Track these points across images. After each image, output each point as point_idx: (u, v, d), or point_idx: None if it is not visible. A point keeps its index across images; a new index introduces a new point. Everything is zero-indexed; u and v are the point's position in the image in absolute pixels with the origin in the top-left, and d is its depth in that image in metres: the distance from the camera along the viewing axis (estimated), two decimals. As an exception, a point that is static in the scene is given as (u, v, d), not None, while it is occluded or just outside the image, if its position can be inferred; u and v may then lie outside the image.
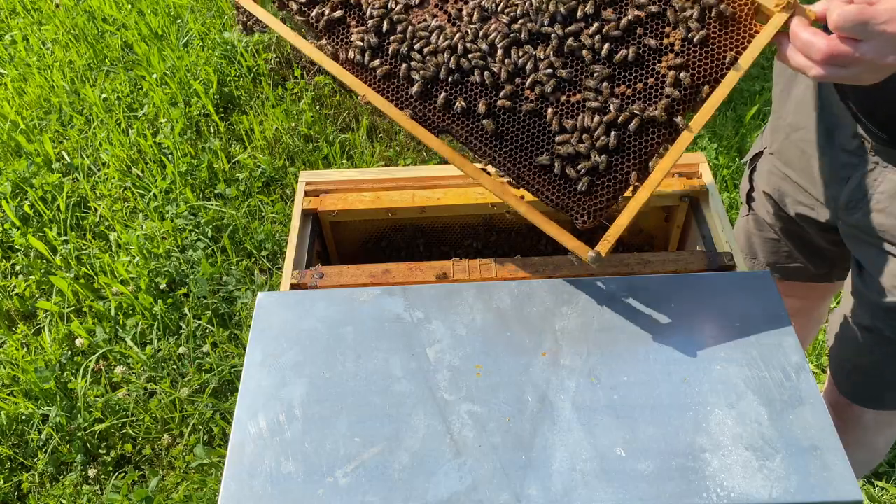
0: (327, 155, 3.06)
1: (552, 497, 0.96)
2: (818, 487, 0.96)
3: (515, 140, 1.10)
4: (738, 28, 1.07)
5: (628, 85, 1.08)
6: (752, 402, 1.05)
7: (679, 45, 1.08)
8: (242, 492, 0.98)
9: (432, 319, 1.17)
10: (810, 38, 0.95)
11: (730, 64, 1.06)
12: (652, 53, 1.08)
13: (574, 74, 1.10)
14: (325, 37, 1.21)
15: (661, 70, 1.07)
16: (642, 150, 1.06)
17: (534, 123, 1.10)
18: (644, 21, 1.10)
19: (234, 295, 2.56)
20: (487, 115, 1.11)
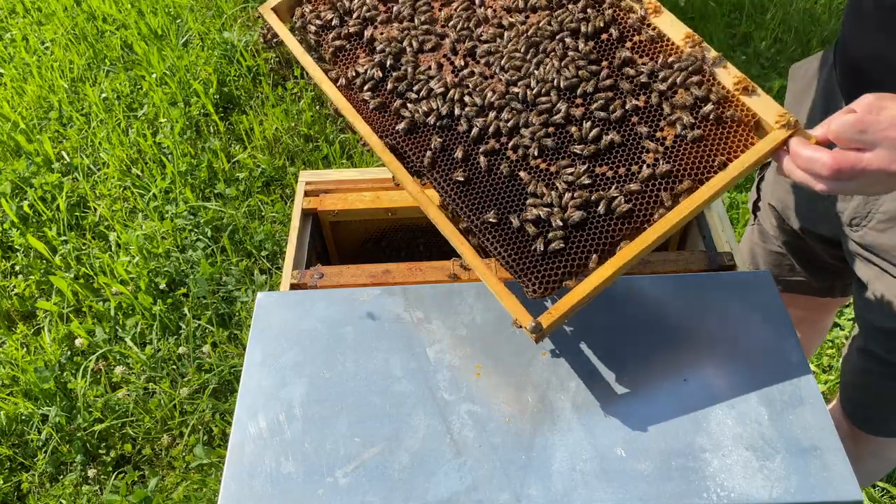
0: (327, 155, 3.06)
1: (552, 497, 0.96)
2: (818, 487, 0.96)
3: (483, 193, 1.08)
4: (734, 135, 1.04)
5: (610, 167, 1.05)
6: (752, 402, 1.05)
7: (671, 139, 1.05)
8: (242, 492, 0.98)
9: (432, 319, 1.17)
10: (813, 155, 0.93)
11: (718, 167, 1.03)
12: (641, 141, 1.06)
13: (559, 145, 1.08)
14: (332, 61, 1.26)
15: (647, 160, 1.04)
16: (607, 234, 1.02)
17: (506, 182, 1.08)
18: (641, 110, 1.08)
19: (233, 295, 2.56)
20: (463, 162, 1.10)
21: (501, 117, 1.11)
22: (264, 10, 1.32)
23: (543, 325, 0.95)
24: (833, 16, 3.67)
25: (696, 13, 3.68)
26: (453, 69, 1.17)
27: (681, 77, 1.07)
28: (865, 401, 1.46)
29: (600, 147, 1.06)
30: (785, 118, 1.00)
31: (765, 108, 1.04)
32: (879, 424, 1.48)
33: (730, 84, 1.06)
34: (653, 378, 1.08)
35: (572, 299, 0.96)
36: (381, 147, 1.13)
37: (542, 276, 1.00)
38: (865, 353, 1.37)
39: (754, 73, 3.40)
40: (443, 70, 1.18)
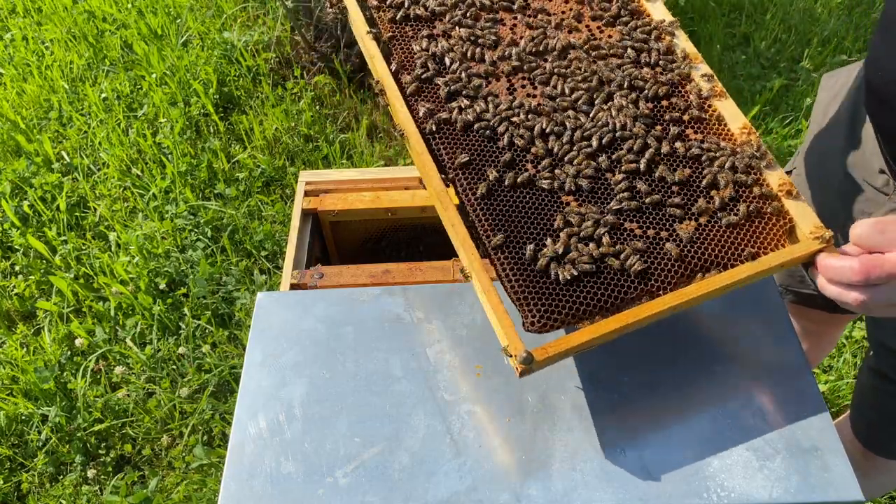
0: (327, 155, 3.06)
1: (552, 497, 0.96)
2: (819, 488, 0.96)
3: (508, 210, 1.04)
4: (767, 233, 1.04)
5: (640, 225, 1.03)
6: (752, 402, 1.05)
7: (706, 218, 1.04)
8: (242, 492, 0.98)
9: (432, 319, 1.17)
10: (841, 263, 0.90)
11: (746, 257, 1.01)
12: (674, 210, 1.05)
13: (593, 188, 1.05)
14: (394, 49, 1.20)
15: (678, 230, 1.02)
16: (621, 289, 0.98)
17: (533, 205, 1.04)
18: (684, 182, 1.07)
19: (233, 295, 2.56)
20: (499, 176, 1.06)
21: (548, 144, 1.08)
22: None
23: (535, 359, 0.89)
24: (833, 16, 3.67)
25: (696, 13, 3.68)
26: (510, 86, 1.15)
27: (731, 162, 1.07)
28: (876, 421, 1.45)
29: (639, 204, 1.04)
30: (820, 231, 0.99)
31: (802, 215, 1.03)
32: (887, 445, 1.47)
33: (775, 183, 1.06)
34: (653, 378, 1.08)
35: (570, 342, 0.91)
36: (416, 137, 1.09)
37: (546, 310, 0.95)
38: (876, 374, 1.36)
39: (754, 73, 3.40)
40: (499, 82, 1.16)
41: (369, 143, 3.13)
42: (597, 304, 0.96)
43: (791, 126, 3.15)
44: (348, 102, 3.30)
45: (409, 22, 1.21)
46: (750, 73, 3.41)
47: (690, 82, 1.17)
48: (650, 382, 1.08)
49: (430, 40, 1.19)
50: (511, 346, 0.90)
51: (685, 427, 1.03)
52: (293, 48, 3.50)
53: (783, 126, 3.16)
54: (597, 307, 0.96)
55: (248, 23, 3.72)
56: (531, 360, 0.89)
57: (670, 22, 1.23)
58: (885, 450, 1.48)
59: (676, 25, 1.23)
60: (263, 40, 3.54)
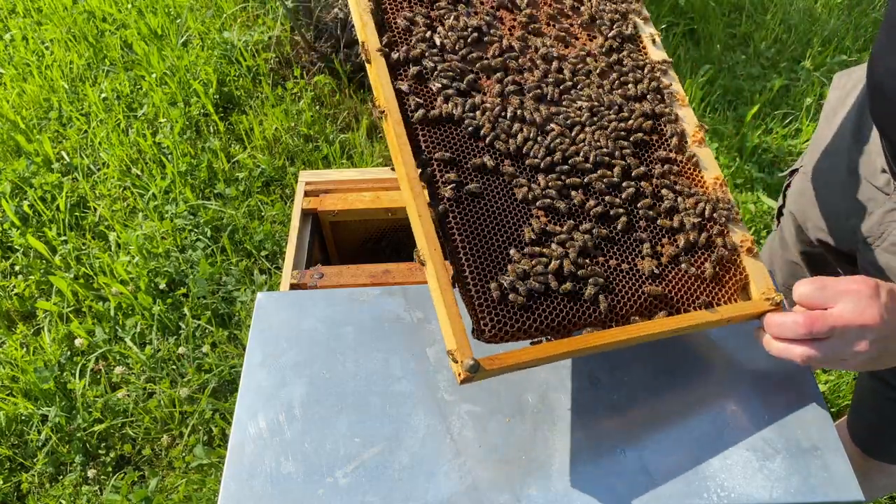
0: (327, 155, 3.06)
1: (552, 497, 0.96)
2: (819, 487, 0.96)
3: (479, 214, 1.00)
4: (723, 286, 1.05)
5: (603, 253, 1.02)
6: (752, 403, 1.05)
7: (666, 258, 1.04)
8: (242, 492, 0.98)
9: (432, 319, 1.17)
10: (784, 319, 0.94)
11: (700, 305, 1.02)
12: (637, 246, 1.05)
13: (566, 207, 1.03)
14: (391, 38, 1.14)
15: (639, 265, 1.02)
16: (572, 317, 0.96)
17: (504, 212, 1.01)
18: (652, 218, 1.07)
19: (233, 295, 2.56)
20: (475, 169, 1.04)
21: (529, 153, 1.07)
22: None
23: (483, 368, 0.86)
24: (833, 16, 3.67)
25: (697, 13, 3.68)
26: (501, 93, 1.12)
27: (700, 208, 1.08)
28: (876, 425, 1.45)
29: (608, 233, 1.03)
30: (771, 293, 1.03)
31: (757, 275, 1.06)
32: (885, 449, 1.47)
33: (738, 239, 1.08)
34: (653, 378, 1.08)
35: (519, 357, 0.89)
36: (398, 118, 1.04)
37: (500, 321, 0.93)
38: (875, 378, 1.36)
39: (754, 73, 3.40)
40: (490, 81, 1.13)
41: (369, 143, 3.13)
42: (549, 324, 0.94)
43: (791, 126, 3.15)
44: (348, 102, 3.30)
45: (411, 2, 1.18)
46: (750, 73, 3.41)
47: (675, 122, 1.17)
48: (650, 383, 1.08)
49: (428, 22, 1.15)
50: (459, 350, 0.87)
51: (685, 427, 1.03)
52: (293, 48, 3.50)
53: (783, 126, 3.16)
54: (549, 328, 0.94)
55: (248, 23, 3.72)
56: (477, 369, 0.85)
57: (663, 60, 1.23)
58: (886, 454, 1.48)
59: (670, 65, 1.23)
60: (263, 40, 3.54)
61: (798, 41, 3.55)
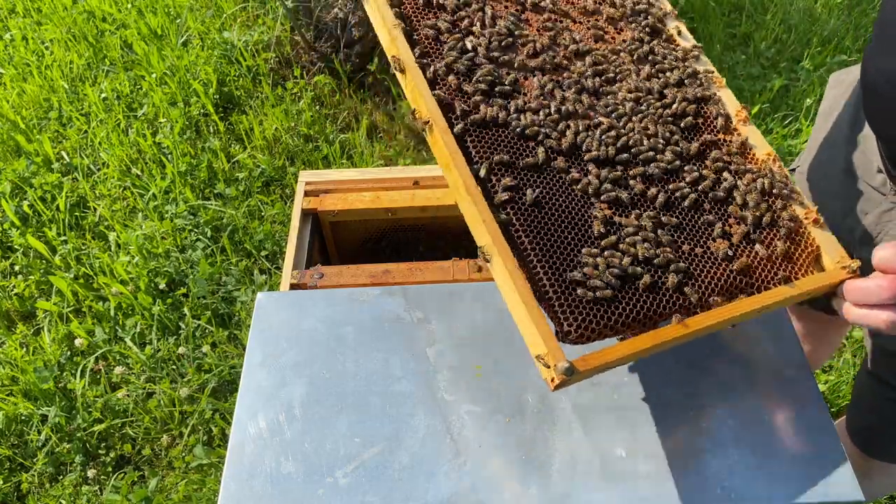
0: (327, 155, 3.06)
1: (552, 497, 0.96)
2: (818, 487, 0.96)
3: (546, 213, 0.98)
4: (796, 258, 1.03)
5: (676, 239, 1.00)
6: (752, 403, 1.05)
7: (738, 238, 1.03)
8: (242, 492, 0.98)
9: (432, 319, 1.17)
10: (867, 283, 0.89)
11: (780, 281, 1.00)
12: (707, 228, 1.04)
13: (629, 199, 1.02)
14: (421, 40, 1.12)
15: (712, 248, 1.01)
16: (656, 306, 0.95)
17: (570, 210, 0.99)
18: (721, 200, 1.06)
19: (233, 295, 2.56)
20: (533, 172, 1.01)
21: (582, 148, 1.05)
22: None
23: (577, 370, 0.84)
24: (833, 16, 3.67)
25: (697, 13, 3.68)
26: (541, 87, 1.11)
27: (760, 185, 1.07)
28: (875, 425, 1.45)
29: (679, 220, 1.02)
30: (846, 261, 1.00)
31: (828, 245, 1.04)
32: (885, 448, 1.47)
33: (802, 212, 1.07)
34: (653, 378, 1.08)
35: (612, 355, 0.87)
36: (443, 126, 1.02)
37: (586, 318, 0.90)
38: (874, 378, 1.36)
39: (754, 73, 3.40)
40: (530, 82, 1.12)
41: (369, 143, 3.13)
42: (635, 317, 0.92)
43: (791, 126, 3.15)
44: (348, 102, 3.29)
45: (431, 8, 1.16)
46: (750, 73, 3.41)
47: (717, 104, 1.17)
48: (650, 383, 1.08)
49: (459, 31, 1.14)
50: (550, 355, 0.84)
51: (685, 427, 1.03)
52: (293, 48, 3.50)
53: (783, 126, 3.16)
54: (635, 321, 0.92)
55: (248, 23, 3.72)
56: (573, 372, 0.83)
57: (694, 46, 1.23)
58: (886, 454, 1.48)
59: (701, 51, 1.23)
60: (263, 40, 3.54)
61: (798, 41, 3.55)
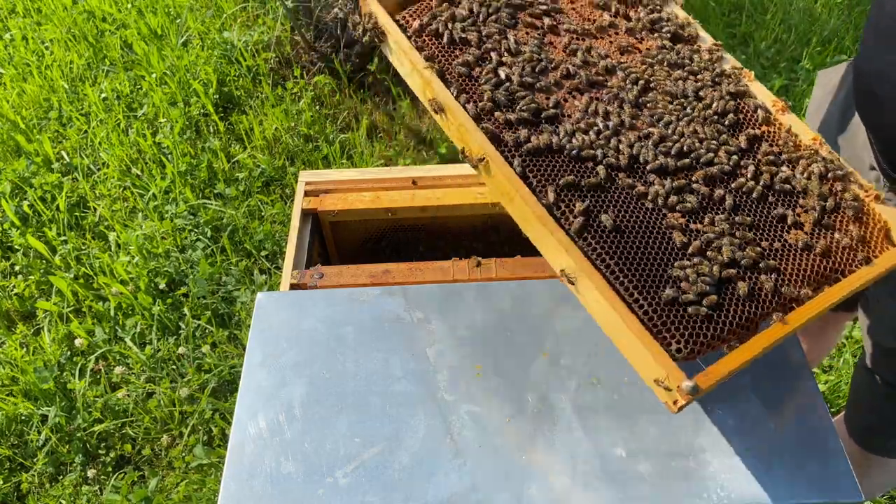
0: (327, 155, 3.06)
1: (552, 497, 0.96)
2: (818, 488, 0.96)
3: (626, 233, 0.97)
4: (869, 236, 1.04)
5: (754, 239, 1.00)
6: (752, 403, 1.05)
7: (809, 227, 1.03)
8: (242, 492, 0.98)
9: (432, 319, 1.17)
10: None
11: (861, 262, 0.99)
12: (780, 222, 1.04)
13: (698, 204, 1.02)
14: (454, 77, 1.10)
15: (789, 240, 1.01)
16: (756, 308, 0.94)
17: (645, 224, 0.98)
18: (788, 192, 1.06)
19: (233, 295, 2.56)
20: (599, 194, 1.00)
21: (639, 160, 1.04)
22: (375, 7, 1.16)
23: (702, 388, 0.81)
24: (833, 16, 3.67)
25: (697, 13, 3.68)
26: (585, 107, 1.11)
27: (817, 169, 1.07)
28: (870, 422, 1.45)
29: (752, 219, 1.02)
30: None
31: (894, 219, 1.04)
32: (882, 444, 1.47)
33: (862, 191, 1.08)
34: (653, 378, 1.08)
35: (730, 364, 0.85)
36: (500, 160, 1.00)
37: (692, 333, 0.89)
38: (871, 374, 1.37)
39: (755, 73, 3.40)
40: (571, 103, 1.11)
41: (369, 143, 3.13)
42: (739, 323, 0.92)
43: (791, 126, 3.15)
44: (348, 102, 3.29)
45: (456, 45, 1.14)
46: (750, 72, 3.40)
47: (754, 97, 1.17)
48: (650, 382, 1.08)
49: (490, 64, 1.12)
50: (671, 376, 0.82)
51: (685, 427, 1.03)
52: (293, 48, 3.50)
53: (783, 126, 3.16)
54: (739, 327, 0.92)
55: (248, 23, 3.72)
56: (698, 391, 0.81)
57: (714, 44, 1.23)
58: (884, 450, 1.48)
59: (721, 48, 1.23)
60: (263, 40, 3.54)
61: (798, 41, 3.55)
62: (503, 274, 1.27)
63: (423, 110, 3.29)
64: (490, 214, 1.52)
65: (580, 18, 1.24)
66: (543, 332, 1.14)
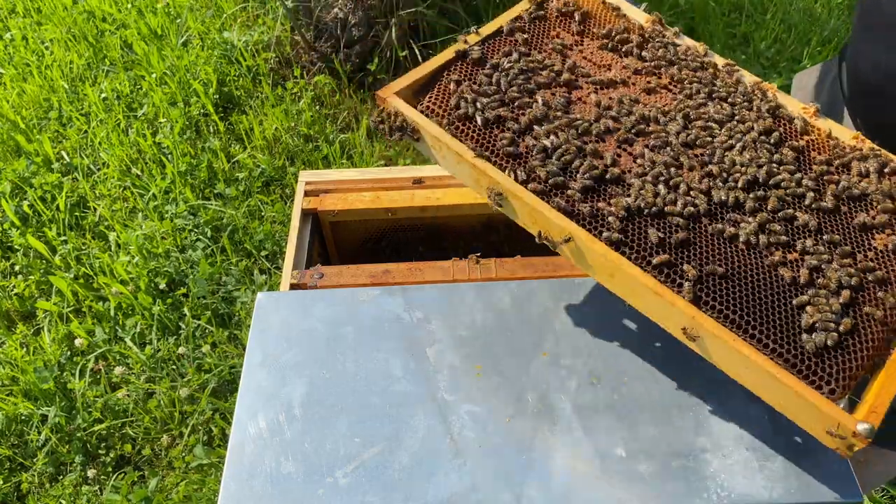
0: (327, 155, 3.06)
1: (552, 497, 0.96)
2: (818, 488, 0.96)
3: (730, 279, 0.95)
4: None
5: (852, 254, 0.99)
6: (752, 403, 1.05)
7: (889, 228, 1.03)
8: (242, 492, 0.98)
9: (432, 319, 1.17)
10: None
11: None
12: (868, 231, 1.04)
13: (784, 231, 1.01)
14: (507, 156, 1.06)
15: (878, 246, 1.01)
16: (883, 329, 0.93)
17: (750, 266, 0.97)
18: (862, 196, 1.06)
19: (233, 295, 2.56)
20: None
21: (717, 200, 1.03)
22: (387, 95, 1.09)
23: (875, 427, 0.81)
24: (833, 16, 3.67)
25: (697, 13, 3.68)
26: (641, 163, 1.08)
27: (873, 166, 1.07)
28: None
29: (840, 237, 1.02)
30: None
31: None
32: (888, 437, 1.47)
33: None
34: (653, 379, 1.08)
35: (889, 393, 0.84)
36: (586, 234, 0.96)
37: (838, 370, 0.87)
38: None
39: (755, 73, 3.40)
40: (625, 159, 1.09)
41: (369, 143, 3.13)
42: (874, 346, 0.91)
43: (791, 126, 3.15)
44: (348, 102, 3.29)
45: (490, 126, 1.08)
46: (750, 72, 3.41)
47: (787, 109, 1.17)
48: (650, 383, 1.08)
49: (535, 139, 1.07)
50: (844, 423, 0.80)
51: (685, 427, 1.03)
52: (293, 48, 3.50)
53: (783, 126, 3.16)
54: (876, 350, 0.91)
55: (248, 23, 3.72)
56: (873, 431, 0.80)
57: (726, 64, 1.23)
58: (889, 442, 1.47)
59: (735, 66, 1.23)
60: (263, 40, 3.54)
61: (798, 41, 3.55)
62: (503, 274, 1.27)
63: (423, 110, 3.28)
64: (490, 214, 1.52)
65: (595, 66, 1.20)
66: (543, 331, 1.14)
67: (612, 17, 1.27)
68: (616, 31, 1.24)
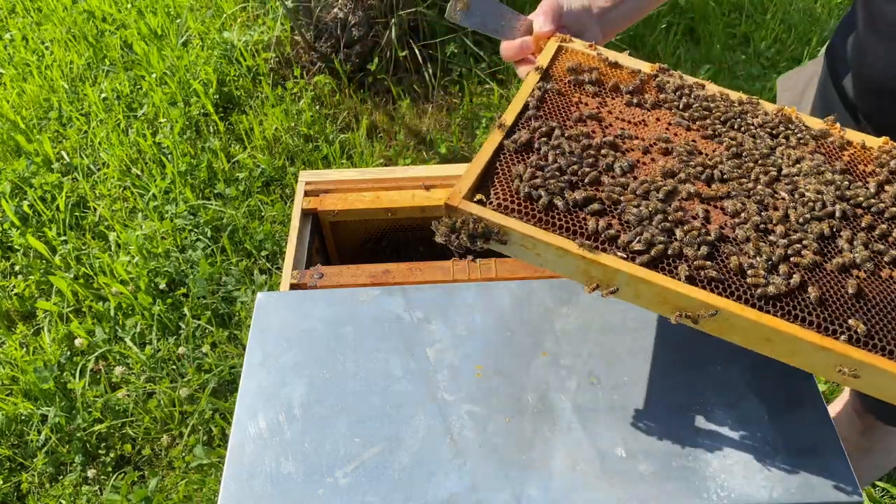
0: (327, 155, 3.06)
1: (552, 497, 0.96)
2: (818, 488, 0.96)
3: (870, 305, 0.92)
4: None
5: None
6: (752, 402, 1.05)
7: None
8: (242, 492, 0.98)
9: (432, 319, 1.17)
10: None
11: None
12: None
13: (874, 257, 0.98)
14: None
15: None
16: None
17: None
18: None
19: (233, 295, 2.56)
20: None
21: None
22: (458, 202, 0.98)
23: None
24: (833, 16, 3.67)
25: (697, 13, 3.68)
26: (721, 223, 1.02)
27: None
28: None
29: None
30: None
31: None
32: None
33: None
34: (653, 378, 1.08)
35: None
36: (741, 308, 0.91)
37: None
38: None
39: (755, 73, 3.40)
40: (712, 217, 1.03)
41: (369, 143, 3.13)
42: None
43: (791, 126, 3.15)
44: (348, 102, 3.30)
45: (571, 208, 0.99)
46: (750, 73, 3.41)
47: (811, 129, 1.14)
48: (650, 383, 1.08)
49: (623, 214, 0.99)
50: None
51: (685, 427, 1.03)
52: (293, 48, 3.50)
53: (783, 126, 3.16)
54: None
55: (248, 23, 3.72)
56: None
57: (748, 98, 1.19)
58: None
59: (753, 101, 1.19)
60: (263, 40, 3.54)
61: (798, 41, 3.55)
62: (503, 274, 1.27)
63: (423, 110, 3.29)
64: (490, 214, 1.52)
65: (632, 125, 1.15)
66: (543, 332, 1.14)
67: (619, 73, 1.21)
68: (634, 87, 1.19)
